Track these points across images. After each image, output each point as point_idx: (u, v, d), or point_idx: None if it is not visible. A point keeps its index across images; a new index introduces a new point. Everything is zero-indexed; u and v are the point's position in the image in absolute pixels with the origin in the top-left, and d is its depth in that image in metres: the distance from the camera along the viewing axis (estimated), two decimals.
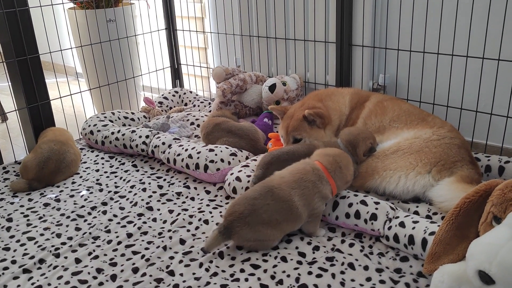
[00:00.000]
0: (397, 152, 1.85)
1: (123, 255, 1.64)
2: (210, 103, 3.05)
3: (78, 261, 1.61)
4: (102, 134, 2.52)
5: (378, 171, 1.83)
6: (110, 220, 1.86)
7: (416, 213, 1.73)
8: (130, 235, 1.74)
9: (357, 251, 1.59)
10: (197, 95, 3.17)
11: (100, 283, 1.50)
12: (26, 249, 1.70)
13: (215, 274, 1.51)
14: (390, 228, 1.60)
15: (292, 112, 2.13)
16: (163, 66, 3.39)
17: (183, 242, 1.69)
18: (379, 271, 1.48)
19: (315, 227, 1.68)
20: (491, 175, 1.96)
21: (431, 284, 1.26)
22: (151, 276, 1.51)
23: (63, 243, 1.72)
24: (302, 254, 1.58)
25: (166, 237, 1.73)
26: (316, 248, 1.61)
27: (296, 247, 1.62)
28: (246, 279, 1.48)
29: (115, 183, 2.18)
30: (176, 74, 3.50)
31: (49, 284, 1.51)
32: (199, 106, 3.04)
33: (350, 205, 1.69)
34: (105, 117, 2.68)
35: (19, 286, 1.51)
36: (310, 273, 1.49)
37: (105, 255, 1.64)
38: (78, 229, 1.82)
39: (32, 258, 1.64)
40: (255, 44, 2.99)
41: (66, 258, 1.63)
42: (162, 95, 3.11)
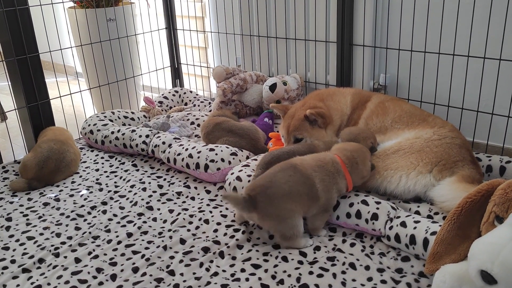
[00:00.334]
0: (398, 152, 1.84)
1: (123, 254, 1.63)
2: (210, 103, 3.05)
3: (78, 260, 1.61)
4: (102, 134, 2.51)
5: (379, 170, 1.82)
6: (110, 219, 1.86)
7: (417, 213, 1.72)
8: (130, 235, 1.74)
9: (358, 251, 1.58)
10: (197, 94, 3.16)
11: (100, 283, 1.49)
12: (25, 248, 1.70)
13: (215, 274, 1.50)
14: (391, 228, 1.60)
15: (293, 111, 2.12)
16: (163, 65, 3.38)
17: (183, 242, 1.68)
18: (380, 271, 1.48)
19: (322, 222, 1.68)
20: (492, 175, 1.95)
21: (433, 284, 1.26)
22: (151, 275, 1.51)
23: (63, 243, 1.72)
24: (303, 254, 1.57)
25: (166, 236, 1.72)
26: (317, 248, 1.60)
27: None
28: (247, 279, 1.47)
29: (115, 182, 2.18)
30: (176, 74, 3.50)
31: (48, 283, 1.50)
32: (199, 105, 3.04)
33: (351, 205, 1.69)
34: (105, 116, 2.68)
35: (18, 285, 1.50)
36: (311, 273, 1.48)
37: (105, 254, 1.63)
38: (77, 228, 1.81)
39: (31, 257, 1.64)
40: (255, 43, 2.99)
41: (65, 257, 1.63)
42: (162, 94, 3.10)
